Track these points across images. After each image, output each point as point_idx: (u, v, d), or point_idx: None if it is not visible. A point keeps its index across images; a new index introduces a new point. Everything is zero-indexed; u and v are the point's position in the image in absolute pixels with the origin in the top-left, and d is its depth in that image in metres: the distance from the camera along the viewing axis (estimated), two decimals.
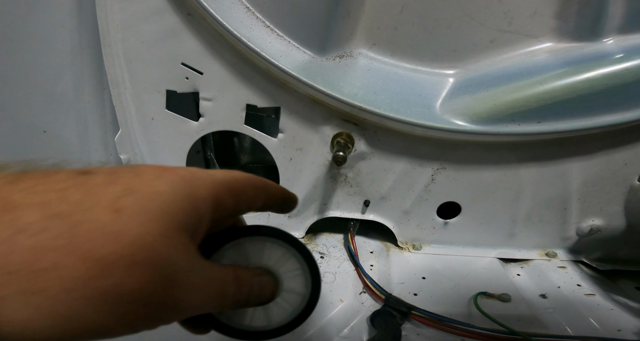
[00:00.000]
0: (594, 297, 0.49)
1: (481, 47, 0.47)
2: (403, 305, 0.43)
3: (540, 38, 0.46)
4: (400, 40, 0.48)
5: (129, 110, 0.56)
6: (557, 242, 0.58)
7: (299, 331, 0.41)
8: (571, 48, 0.46)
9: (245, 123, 0.54)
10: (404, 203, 0.57)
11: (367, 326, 0.43)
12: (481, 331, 0.40)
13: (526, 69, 0.46)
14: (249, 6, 0.47)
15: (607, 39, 0.45)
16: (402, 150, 0.52)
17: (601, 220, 0.54)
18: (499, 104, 0.45)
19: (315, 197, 0.59)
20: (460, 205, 0.56)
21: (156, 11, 0.48)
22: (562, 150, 0.50)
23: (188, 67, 0.51)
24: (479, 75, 0.48)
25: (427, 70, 0.49)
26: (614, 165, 0.50)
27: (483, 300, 0.47)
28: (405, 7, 0.46)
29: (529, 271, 0.55)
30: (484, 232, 0.58)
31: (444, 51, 0.48)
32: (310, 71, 0.46)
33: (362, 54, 0.49)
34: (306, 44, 0.47)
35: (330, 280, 0.51)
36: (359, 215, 0.60)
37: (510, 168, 0.52)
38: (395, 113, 0.46)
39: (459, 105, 0.47)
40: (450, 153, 0.51)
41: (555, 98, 0.44)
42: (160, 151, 0.59)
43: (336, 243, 0.62)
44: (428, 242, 0.60)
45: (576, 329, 0.43)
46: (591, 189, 0.52)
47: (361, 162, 0.54)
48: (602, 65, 0.43)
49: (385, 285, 0.49)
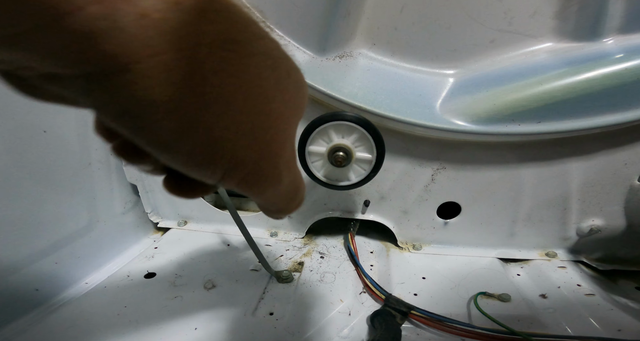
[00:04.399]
0: (594, 297, 0.49)
1: (481, 47, 0.47)
2: (403, 305, 0.43)
3: (540, 38, 0.46)
4: (400, 40, 0.48)
5: None
6: (557, 242, 0.58)
7: (299, 331, 0.41)
8: (571, 48, 0.46)
9: None
10: (404, 203, 0.57)
11: (367, 326, 0.43)
12: (481, 331, 0.40)
13: (526, 69, 0.46)
14: (249, 6, 0.47)
15: (607, 39, 0.45)
16: (402, 150, 0.52)
17: (601, 220, 0.54)
18: (499, 104, 0.45)
19: (315, 197, 0.59)
20: (460, 205, 0.56)
21: None
22: (562, 150, 0.50)
23: None
24: (479, 75, 0.48)
25: (427, 70, 0.49)
26: (614, 165, 0.50)
27: (483, 300, 0.47)
28: (405, 7, 0.45)
29: (529, 271, 0.55)
30: (484, 232, 0.58)
31: (444, 51, 0.48)
32: (310, 71, 0.46)
33: (362, 54, 0.49)
34: (306, 44, 0.47)
35: (330, 280, 0.51)
36: (359, 215, 0.60)
37: (510, 168, 0.52)
38: (395, 113, 0.46)
39: (459, 105, 0.47)
40: (450, 153, 0.51)
41: (555, 98, 0.44)
42: None
43: (336, 243, 0.62)
44: (428, 242, 0.60)
45: (576, 329, 0.43)
46: (591, 189, 0.52)
47: None
48: (602, 65, 0.43)
49: (385, 285, 0.49)
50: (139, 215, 0.65)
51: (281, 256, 0.57)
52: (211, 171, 0.15)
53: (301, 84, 0.18)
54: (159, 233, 0.66)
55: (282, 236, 0.63)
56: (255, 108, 0.15)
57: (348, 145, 0.42)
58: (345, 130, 0.42)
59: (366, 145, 0.43)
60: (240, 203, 0.73)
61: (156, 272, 0.52)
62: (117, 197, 0.60)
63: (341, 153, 0.42)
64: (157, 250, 0.59)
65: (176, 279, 0.51)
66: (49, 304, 0.46)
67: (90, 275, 0.52)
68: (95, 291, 0.48)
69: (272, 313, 0.44)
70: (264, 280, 0.51)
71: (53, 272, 0.48)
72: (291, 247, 0.60)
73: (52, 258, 0.48)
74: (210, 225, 0.65)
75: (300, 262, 0.56)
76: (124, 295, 0.47)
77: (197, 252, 0.58)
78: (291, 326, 0.42)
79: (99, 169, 0.56)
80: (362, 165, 0.44)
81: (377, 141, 0.42)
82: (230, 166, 0.15)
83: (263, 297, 0.47)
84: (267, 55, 0.15)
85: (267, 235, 0.63)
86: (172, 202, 0.64)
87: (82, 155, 0.53)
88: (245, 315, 0.44)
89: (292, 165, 0.19)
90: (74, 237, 0.52)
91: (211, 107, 0.13)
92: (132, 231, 0.63)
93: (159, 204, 0.65)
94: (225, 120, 0.14)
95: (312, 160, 0.45)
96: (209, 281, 0.50)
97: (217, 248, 0.59)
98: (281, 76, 0.16)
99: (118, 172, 0.59)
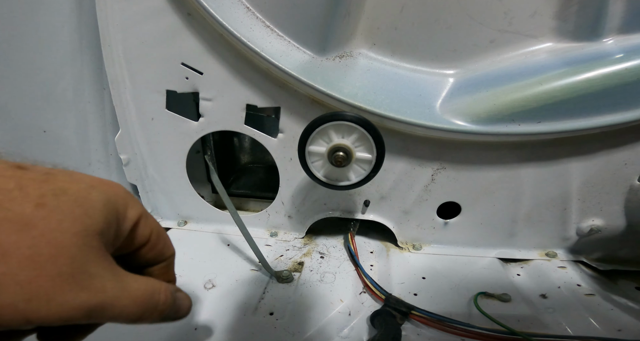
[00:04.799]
0: (594, 297, 0.49)
1: (481, 47, 0.47)
2: (403, 305, 0.43)
3: (540, 38, 0.46)
4: (400, 40, 0.48)
5: (129, 110, 0.56)
6: (557, 242, 0.58)
7: (299, 331, 0.41)
8: (571, 48, 0.46)
9: (245, 123, 0.54)
10: (404, 203, 0.57)
11: (367, 326, 0.43)
12: (481, 331, 0.40)
13: (526, 69, 0.46)
14: (249, 6, 0.47)
15: (607, 39, 0.45)
16: (402, 150, 0.52)
17: (601, 220, 0.54)
18: (499, 104, 0.45)
19: (315, 197, 0.59)
20: (460, 205, 0.56)
21: (156, 11, 0.48)
22: (562, 150, 0.50)
23: (188, 67, 0.51)
24: (479, 75, 0.48)
25: (427, 70, 0.49)
26: (614, 165, 0.50)
27: (483, 300, 0.47)
28: (405, 7, 0.46)
29: (529, 271, 0.55)
30: (484, 232, 0.58)
31: (444, 51, 0.48)
32: (310, 71, 0.46)
33: (362, 54, 0.49)
34: (306, 44, 0.47)
35: (330, 280, 0.51)
36: (359, 215, 0.60)
37: (510, 168, 0.52)
38: (395, 113, 0.46)
39: (459, 105, 0.47)
40: (450, 153, 0.51)
41: (555, 98, 0.44)
42: (160, 151, 0.59)
43: (336, 243, 0.62)
44: (428, 242, 0.60)
45: (576, 329, 0.43)
46: (591, 189, 0.52)
47: None
48: (602, 65, 0.43)
49: (385, 285, 0.49)
50: None
51: (281, 257, 0.57)
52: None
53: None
54: None
55: (282, 236, 0.63)
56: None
57: (348, 145, 0.42)
58: (345, 130, 0.42)
59: (366, 145, 0.43)
60: (240, 203, 0.73)
61: None
62: None
63: (341, 153, 0.42)
64: None
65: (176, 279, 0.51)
66: None
67: None
68: None
69: (272, 313, 0.44)
70: (264, 280, 0.51)
71: None
72: (291, 247, 0.60)
73: None
74: (210, 225, 0.65)
75: (300, 262, 0.56)
76: None
77: (197, 252, 0.58)
78: (291, 326, 0.42)
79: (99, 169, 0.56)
80: (362, 165, 0.44)
81: (377, 141, 0.42)
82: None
83: (263, 297, 0.47)
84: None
85: (267, 235, 0.63)
86: (172, 202, 0.65)
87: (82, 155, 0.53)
88: (245, 315, 0.44)
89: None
90: None
91: None
92: None
93: (159, 204, 0.65)
94: None
95: (312, 160, 0.45)
96: (209, 281, 0.50)
97: (217, 248, 0.59)
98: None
99: (118, 172, 0.59)
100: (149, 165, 0.61)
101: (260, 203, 0.71)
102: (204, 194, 0.71)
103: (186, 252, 0.58)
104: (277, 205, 0.61)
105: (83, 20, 0.50)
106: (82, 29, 0.50)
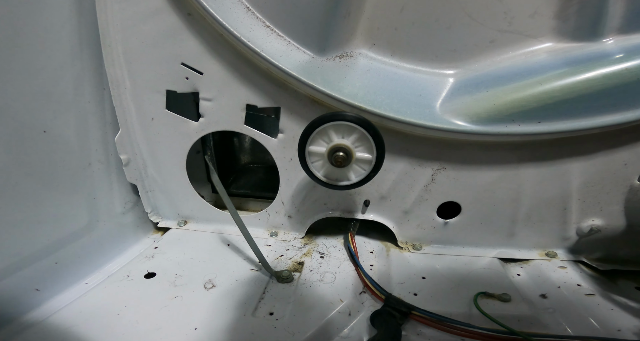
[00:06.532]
0: (594, 297, 0.49)
1: (481, 47, 0.47)
2: (403, 305, 0.43)
3: (540, 38, 0.46)
4: (400, 40, 0.48)
5: (129, 110, 0.56)
6: (557, 242, 0.58)
7: (299, 331, 0.41)
8: (571, 48, 0.46)
9: (245, 123, 0.54)
10: (404, 203, 0.57)
11: (367, 326, 0.43)
12: (481, 331, 0.40)
13: (526, 69, 0.46)
14: (249, 6, 0.47)
15: (607, 39, 0.45)
16: (402, 150, 0.52)
17: (601, 220, 0.54)
18: (499, 104, 0.45)
19: (315, 197, 0.59)
20: (460, 205, 0.56)
21: (156, 11, 0.48)
22: (562, 150, 0.50)
23: (188, 67, 0.51)
24: (479, 75, 0.48)
25: (427, 70, 0.49)
26: (614, 165, 0.50)
27: (483, 300, 0.47)
28: (405, 7, 0.46)
29: (529, 271, 0.55)
30: (484, 232, 0.58)
31: (444, 51, 0.48)
32: (310, 71, 0.46)
33: (362, 54, 0.49)
34: (306, 44, 0.47)
35: (330, 280, 0.51)
36: (359, 215, 0.60)
37: (510, 168, 0.52)
38: (395, 113, 0.46)
39: (459, 105, 0.47)
40: (451, 153, 0.51)
41: (555, 98, 0.44)
42: (160, 151, 0.59)
43: (336, 243, 0.62)
44: (428, 242, 0.60)
45: (576, 329, 0.43)
46: (591, 189, 0.52)
47: None
48: (601, 65, 0.43)
49: (385, 285, 0.49)
50: (139, 215, 0.65)
51: (281, 257, 0.57)
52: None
53: None
54: (159, 233, 0.66)
55: (282, 236, 0.63)
56: None
57: (348, 145, 0.42)
58: (345, 130, 0.42)
59: (366, 145, 0.43)
60: (240, 203, 0.73)
61: (156, 272, 0.52)
62: (117, 197, 0.60)
63: (341, 153, 0.42)
64: (157, 250, 0.59)
65: (176, 279, 0.51)
66: (49, 304, 0.46)
67: (90, 275, 0.52)
68: (95, 291, 0.48)
69: (272, 313, 0.44)
70: (264, 280, 0.51)
71: (53, 272, 0.48)
72: (291, 247, 0.60)
73: (52, 258, 0.48)
74: (210, 225, 0.65)
75: (300, 262, 0.56)
76: (124, 295, 0.47)
77: (197, 252, 0.58)
78: (291, 326, 0.42)
79: (99, 169, 0.56)
80: (362, 165, 0.44)
81: (377, 141, 0.42)
82: None
83: (263, 297, 0.47)
84: None
85: (267, 235, 0.63)
86: (172, 202, 0.65)
87: (82, 155, 0.53)
88: (245, 315, 0.44)
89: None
90: (74, 237, 0.52)
91: None
92: (132, 231, 0.63)
93: (159, 204, 0.65)
94: None
95: (312, 160, 0.45)
96: (209, 281, 0.50)
97: (217, 248, 0.59)
98: None
99: (118, 172, 0.59)
100: (149, 165, 0.61)
101: (260, 203, 0.71)
102: (204, 194, 0.71)
103: (186, 252, 0.58)
104: (277, 205, 0.61)
105: (83, 20, 0.50)
106: (82, 29, 0.50)
